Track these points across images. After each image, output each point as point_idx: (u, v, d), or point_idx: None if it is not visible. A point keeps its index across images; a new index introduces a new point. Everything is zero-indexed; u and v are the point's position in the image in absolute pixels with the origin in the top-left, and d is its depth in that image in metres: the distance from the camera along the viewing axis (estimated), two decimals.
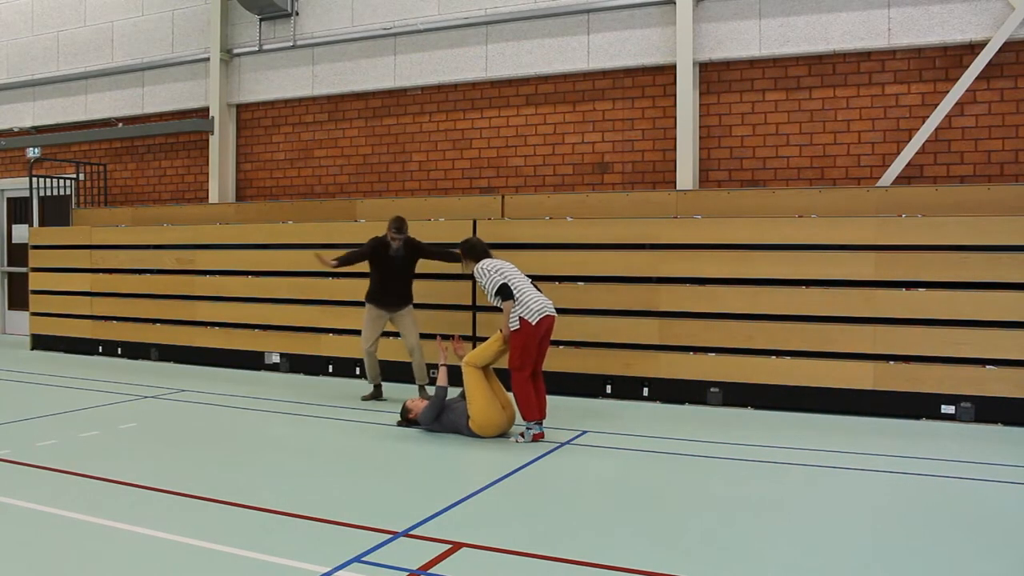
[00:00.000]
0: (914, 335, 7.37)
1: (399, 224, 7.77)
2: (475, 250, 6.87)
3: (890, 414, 7.38)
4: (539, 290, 6.65)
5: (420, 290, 8.98)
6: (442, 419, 6.62)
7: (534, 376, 6.52)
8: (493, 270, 6.55)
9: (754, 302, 7.87)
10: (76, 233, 11.93)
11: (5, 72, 13.92)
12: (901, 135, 8.49)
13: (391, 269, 7.91)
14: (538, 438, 6.39)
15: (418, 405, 6.90)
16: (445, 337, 7.22)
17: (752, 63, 9.07)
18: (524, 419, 6.42)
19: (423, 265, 8.26)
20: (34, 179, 12.82)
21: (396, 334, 8.34)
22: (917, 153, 8.33)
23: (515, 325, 6.40)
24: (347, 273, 9.79)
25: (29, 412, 7.40)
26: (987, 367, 7.14)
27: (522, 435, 6.41)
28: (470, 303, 9.03)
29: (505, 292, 6.41)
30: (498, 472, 5.49)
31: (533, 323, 6.36)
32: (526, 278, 6.67)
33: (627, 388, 8.33)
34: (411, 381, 8.29)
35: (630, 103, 9.63)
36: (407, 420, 6.95)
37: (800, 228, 7.78)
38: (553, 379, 8.19)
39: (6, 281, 14.45)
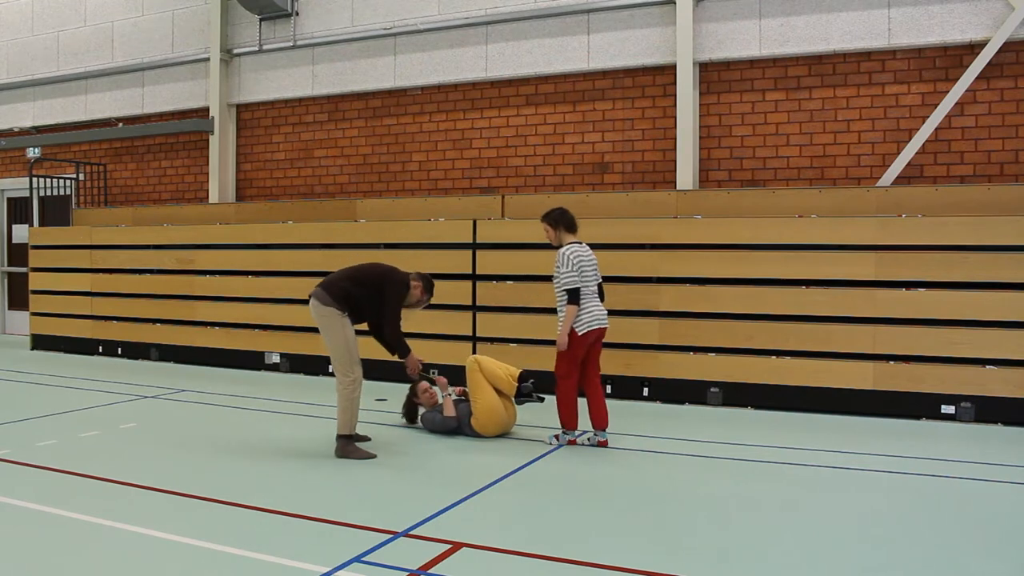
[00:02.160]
0: (914, 335, 7.37)
1: (432, 290, 6.46)
2: (566, 218, 6.36)
3: (890, 414, 7.38)
4: (601, 294, 6.37)
5: None
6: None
7: (588, 383, 6.32)
8: (576, 264, 6.12)
9: (754, 302, 7.87)
10: (76, 233, 11.93)
11: (5, 72, 13.92)
12: (901, 135, 8.49)
13: (387, 314, 6.17)
14: (572, 443, 6.30)
15: (427, 397, 6.84)
16: (428, 378, 6.94)
17: (752, 63, 9.07)
18: (563, 426, 6.31)
19: (423, 263, 8.19)
20: (34, 179, 12.82)
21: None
22: (917, 153, 8.33)
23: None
24: None
25: (29, 412, 7.40)
26: (987, 367, 7.14)
27: (556, 437, 6.35)
28: (470, 303, 9.03)
29: (574, 297, 6.07)
30: (498, 472, 5.48)
31: (580, 334, 6.11)
32: (596, 278, 6.32)
33: (627, 388, 8.33)
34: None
35: (630, 103, 9.63)
36: (410, 404, 6.90)
37: (800, 228, 7.78)
38: (553, 379, 8.17)
39: (6, 281, 14.45)
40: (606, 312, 6.37)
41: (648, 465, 5.86)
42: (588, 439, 6.33)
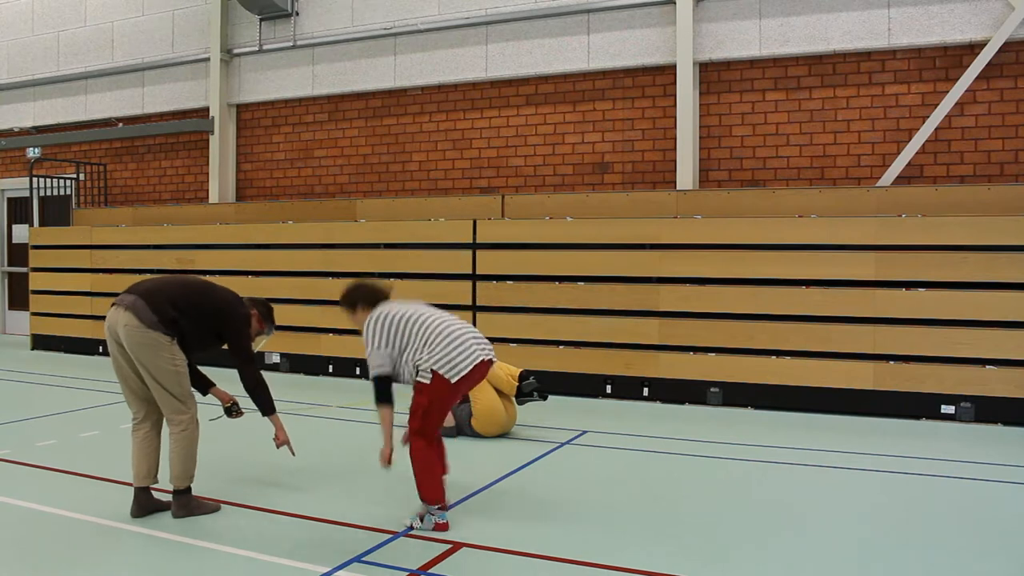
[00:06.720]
0: (914, 335, 7.36)
1: (273, 318, 5.40)
2: (361, 292, 4.67)
3: (890, 414, 7.38)
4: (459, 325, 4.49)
5: (416, 289, 8.97)
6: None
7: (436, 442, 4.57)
8: (390, 326, 4.39)
9: (754, 302, 7.87)
10: (76, 233, 11.93)
11: (5, 72, 13.92)
12: (901, 135, 8.49)
13: (243, 358, 5.22)
14: (441, 528, 4.31)
15: None
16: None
17: (752, 63, 9.07)
18: (425, 500, 4.36)
19: (423, 263, 8.19)
20: (34, 179, 12.81)
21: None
22: (917, 153, 8.32)
23: (426, 378, 4.32)
24: (348, 273, 9.80)
25: (29, 412, 7.40)
26: (987, 367, 7.14)
27: (421, 518, 4.35)
28: (470, 303, 9.03)
29: (382, 391, 4.40)
30: (498, 472, 5.48)
31: (453, 380, 4.28)
32: (437, 315, 4.47)
33: (627, 388, 8.33)
34: None
35: (630, 103, 9.63)
36: None
37: (800, 228, 7.78)
38: (553, 379, 8.21)
39: (6, 281, 14.44)
40: (482, 336, 4.52)
41: (648, 465, 5.86)
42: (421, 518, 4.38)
